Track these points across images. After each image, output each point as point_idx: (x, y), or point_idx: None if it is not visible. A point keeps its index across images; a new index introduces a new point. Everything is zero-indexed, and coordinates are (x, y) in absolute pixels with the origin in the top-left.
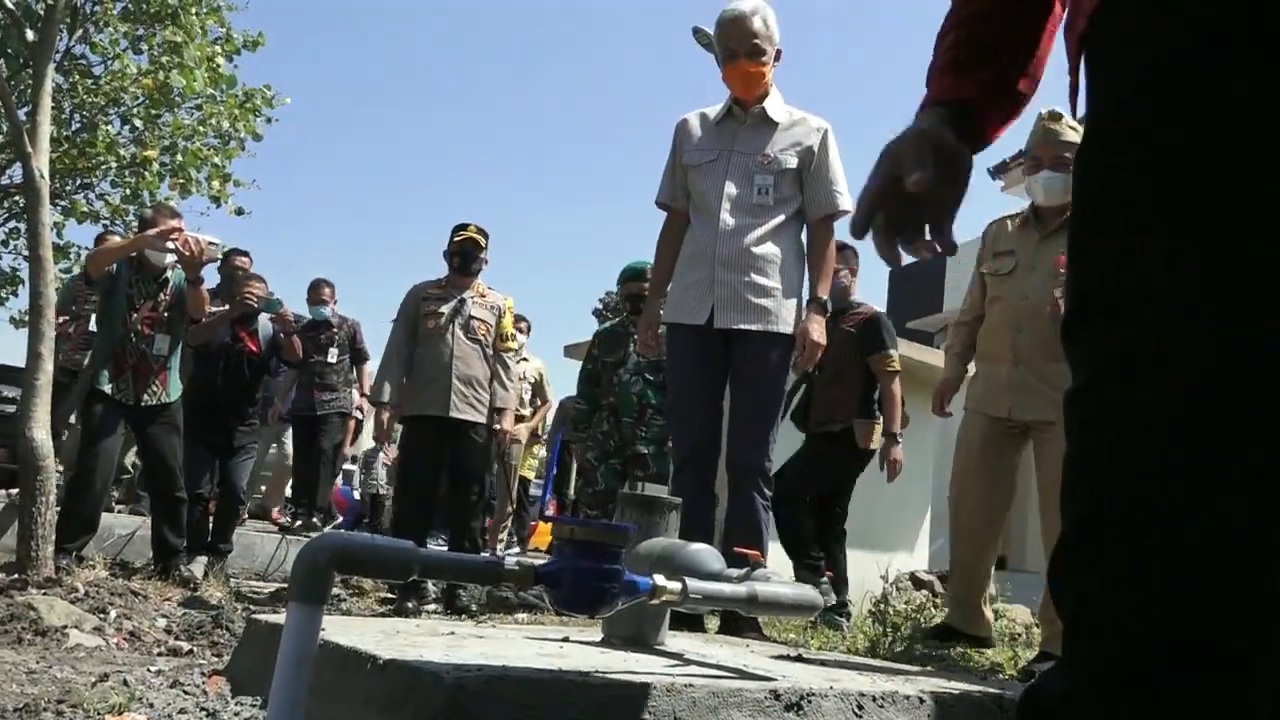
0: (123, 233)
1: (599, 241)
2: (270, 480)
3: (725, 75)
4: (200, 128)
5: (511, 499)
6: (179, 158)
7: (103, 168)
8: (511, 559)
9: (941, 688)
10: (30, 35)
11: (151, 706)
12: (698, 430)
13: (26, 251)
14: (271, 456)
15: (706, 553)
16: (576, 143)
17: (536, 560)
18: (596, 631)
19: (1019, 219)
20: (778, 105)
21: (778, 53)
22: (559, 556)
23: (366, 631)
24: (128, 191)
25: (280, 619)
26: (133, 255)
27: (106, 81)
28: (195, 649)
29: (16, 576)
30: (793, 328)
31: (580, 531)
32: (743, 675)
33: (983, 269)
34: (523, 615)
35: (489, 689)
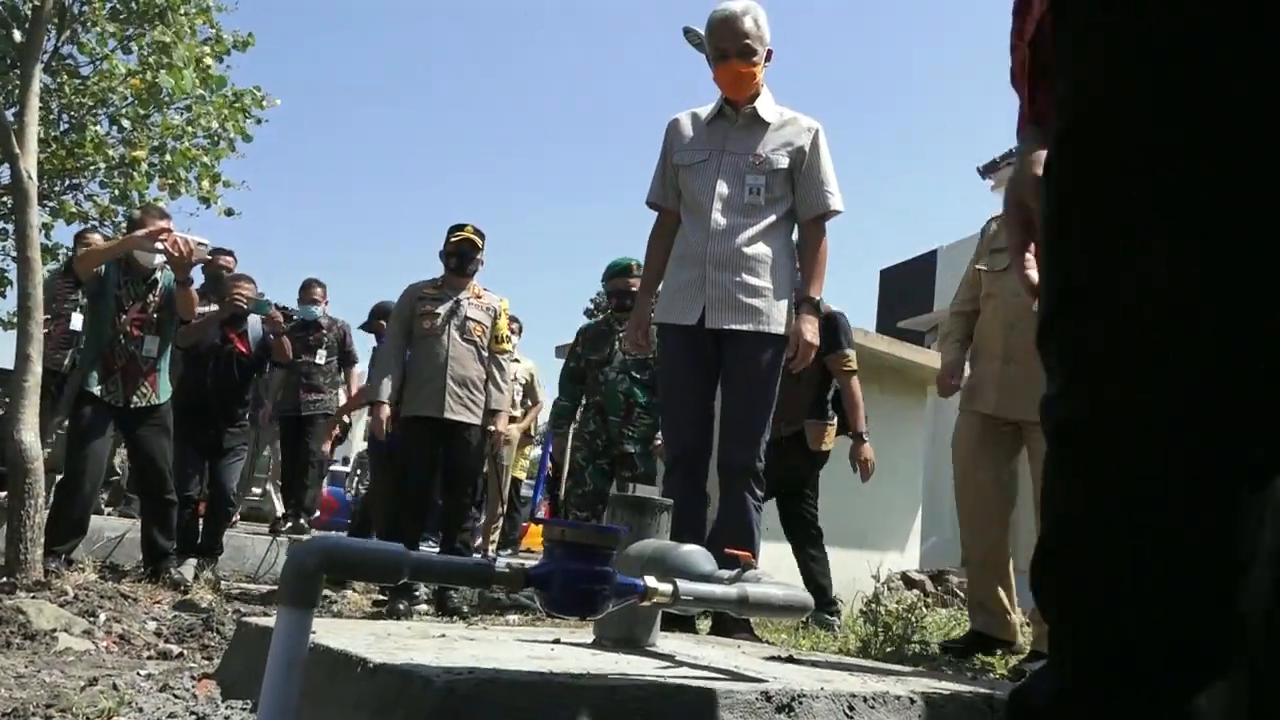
0: (105, 233)
1: (589, 242)
2: (271, 481)
3: (716, 75)
4: (189, 128)
5: (503, 500)
6: (168, 158)
7: (91, 168)
8: (503, 561)
9: (932, 688)
10: (17, 36)
11: (141, 711)
12: (689, 430)
13: (14, 253)
14: (269, 458)
15: (698, 554)
16: (568, 143)
17: (528, 562)
18: (588, 633)
19: None
20: (769, 105)
21: (769, 53)
22: (550, 558)
23: (357, 634)
24: (116, 192)
25: (270, 622)
26: (121, 257)
27: (95, 82)
28: (185, 652)
29: (5, 580)
30: (784, 328)
31: (571, 533)
32: (734, 677)
33: (979, 264)
34: (514, 616)
35: (480, 692)
